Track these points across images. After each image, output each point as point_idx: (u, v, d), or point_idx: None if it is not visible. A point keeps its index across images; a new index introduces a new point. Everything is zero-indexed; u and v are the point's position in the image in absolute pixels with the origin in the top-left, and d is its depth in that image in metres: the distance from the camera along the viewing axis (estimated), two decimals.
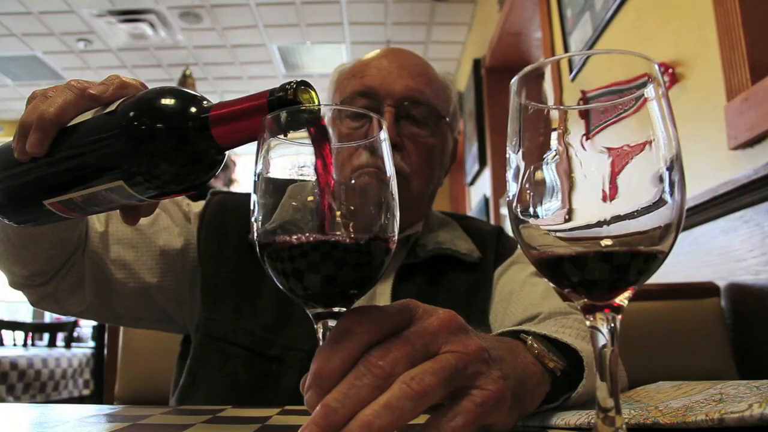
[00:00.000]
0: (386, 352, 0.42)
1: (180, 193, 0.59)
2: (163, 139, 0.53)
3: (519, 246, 1.15)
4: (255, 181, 0.46)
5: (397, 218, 0.48)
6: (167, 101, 0.55)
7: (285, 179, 0.46)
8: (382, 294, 0.98)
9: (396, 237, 0.48)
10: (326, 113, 1.03)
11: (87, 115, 0.59)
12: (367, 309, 0.45)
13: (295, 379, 0.87)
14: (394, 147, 0.96)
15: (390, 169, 0.48)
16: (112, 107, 0.57)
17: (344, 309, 0.48)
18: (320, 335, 0.48)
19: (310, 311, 0.48)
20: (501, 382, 0.45)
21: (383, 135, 0.48)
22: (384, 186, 0.47)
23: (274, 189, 0.45)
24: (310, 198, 0.44)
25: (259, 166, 0.46)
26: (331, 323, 0.47)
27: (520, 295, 0.99)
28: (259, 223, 0.45)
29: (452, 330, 0.46)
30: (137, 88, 0.60)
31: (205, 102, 0.56)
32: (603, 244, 0.37)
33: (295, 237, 0.43)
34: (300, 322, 0.92)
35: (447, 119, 1.06)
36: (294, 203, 0.44)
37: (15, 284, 0.88)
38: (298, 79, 0.52)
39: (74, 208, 0.61)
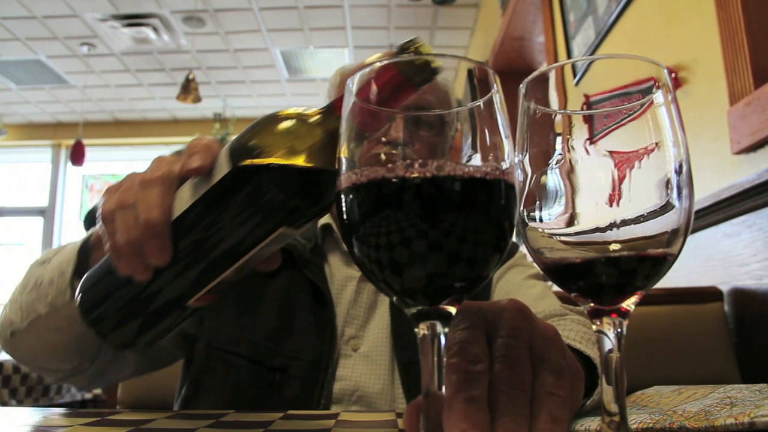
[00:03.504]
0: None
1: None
2: (315, 154, 0.49)
3: (520, 249, 1.15)
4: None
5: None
6: (286, 125, 0.50)
7: None
8: (384, 297, 0.98)
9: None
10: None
11: (186, 193, 0.54)
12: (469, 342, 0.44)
13: (298, 389, 0.88)
14: (407, 146, 0.95)
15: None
16: (222, 170, 0.52)
17: (452, 307, 0.37)
18: (425, 340, 0.37)
19: (409, 310, 0.38)
20: None
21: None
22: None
23: None
24: None
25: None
26: (439, 328, 0.37)
27: (517, 296, 0.99)
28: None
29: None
30: (218, 144, 0.56)
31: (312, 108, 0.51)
32: (610, 249, 0.37)
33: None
34: (302, 332, 0.92)
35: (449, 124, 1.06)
36: None
37: (62, 378, 0.85)
38: (414, 38, 0.48)
39: (220, 288, 0.57)
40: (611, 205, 0.37)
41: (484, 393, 0.42)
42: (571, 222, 0.38)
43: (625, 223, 0.36)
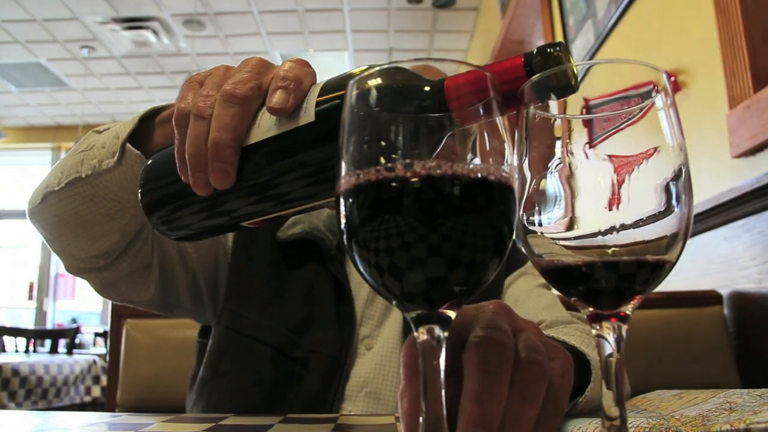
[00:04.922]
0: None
1: None
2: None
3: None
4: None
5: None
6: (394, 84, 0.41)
7: None
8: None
9: None
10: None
11: (265, 122, 0.50)
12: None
13: (316, 383, 0.88)
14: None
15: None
16: (308, 116, 0.47)
17: (451, 311, 0.37)
18: (424, 344, 0.36)
19: (408, 314, 0.37)
20: None
21: None
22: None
23: None
24: None
25: None
26: (438, 331, 0.36)
27: (526, 304, 0.99)
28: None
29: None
30: (311, 77, 0.51)
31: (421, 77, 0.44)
32: (610, 253, 0.37)
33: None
34: (323, 326, 0.93)
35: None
36: None
37: (76, 268, 0.83)
38: (557, 44, 0.44)
39: (278, 220, 0.54)
40: (610, 210, 0.37)
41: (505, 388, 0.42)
42: (570, 226, 0.38)
43: (624, 227, 0.36)
